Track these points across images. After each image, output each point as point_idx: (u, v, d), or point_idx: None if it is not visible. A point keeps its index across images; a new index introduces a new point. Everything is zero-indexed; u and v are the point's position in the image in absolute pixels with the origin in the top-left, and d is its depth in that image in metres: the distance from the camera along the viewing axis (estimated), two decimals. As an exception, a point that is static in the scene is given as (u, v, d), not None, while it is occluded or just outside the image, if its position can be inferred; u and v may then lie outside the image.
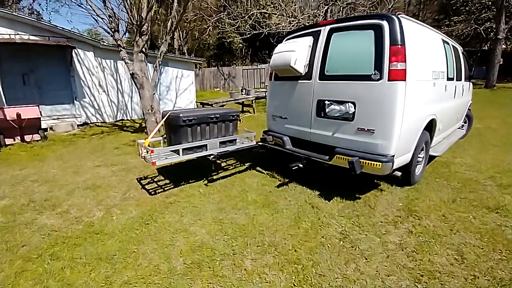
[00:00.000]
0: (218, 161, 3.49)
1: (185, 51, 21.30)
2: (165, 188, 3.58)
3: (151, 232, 2.62)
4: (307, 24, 9.89)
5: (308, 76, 3.35)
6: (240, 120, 3.86)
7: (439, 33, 3.96)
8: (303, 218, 2.79)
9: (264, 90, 14.89)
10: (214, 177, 3.92)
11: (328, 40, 3.17)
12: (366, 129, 2.86)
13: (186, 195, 3.37)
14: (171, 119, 3.29)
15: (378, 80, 2.72)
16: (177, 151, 3.21)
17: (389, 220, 2.72)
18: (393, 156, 2.79)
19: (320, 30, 3.29)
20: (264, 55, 23.74)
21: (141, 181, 3.85)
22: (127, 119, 9.89)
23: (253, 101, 9.52)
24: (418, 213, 2.82)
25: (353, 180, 3.55)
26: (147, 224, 2.76)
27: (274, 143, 3.89)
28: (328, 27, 3.20)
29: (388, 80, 2.66)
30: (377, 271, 2.06)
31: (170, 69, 10.69)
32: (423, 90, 3.11)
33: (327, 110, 3.17)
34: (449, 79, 3.95)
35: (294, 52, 3.25)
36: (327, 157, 3.17)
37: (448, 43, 4.14)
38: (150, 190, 3.53)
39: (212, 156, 3.42)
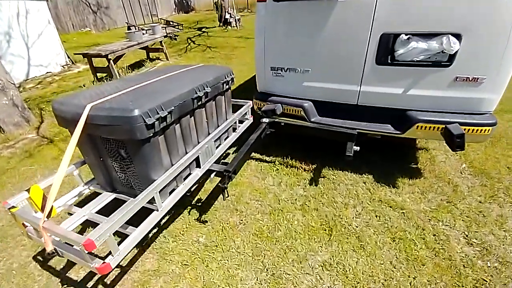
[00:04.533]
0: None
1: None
2: (123, 264, 1.67)
3: None
4: None
5: (361, -13, 1.79)
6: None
7: None
8: (407, 238, 1.76)
9: (165, 25, 11.14)
10: (201, 196, 2.20)
11: None
12: (470, 78, 1.80)
13: (180, 269, 1.65)
14: (104, 126, 1.18)
15: (516, -12, 1.55)
16: (151, 201, 1.30)
17: (487, 198, 2.10)
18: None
19: None
20: (134, -30, 17.48)
21: (50, 263, 1.71)
22: None
23: (162, 42, 6.66)
24: (491, 174, 2.34)
25: (371, 146, 2.54)
26: None
27: (282, 114, 2.36)
28: None
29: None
30: None
31: (3, 1, 5.74)
32: None
33: (400, 52, 1.85)
34: None
35: None
36: (391, 126, 2.09)
37: None
38: None
39: (213, 174, 1.68)
